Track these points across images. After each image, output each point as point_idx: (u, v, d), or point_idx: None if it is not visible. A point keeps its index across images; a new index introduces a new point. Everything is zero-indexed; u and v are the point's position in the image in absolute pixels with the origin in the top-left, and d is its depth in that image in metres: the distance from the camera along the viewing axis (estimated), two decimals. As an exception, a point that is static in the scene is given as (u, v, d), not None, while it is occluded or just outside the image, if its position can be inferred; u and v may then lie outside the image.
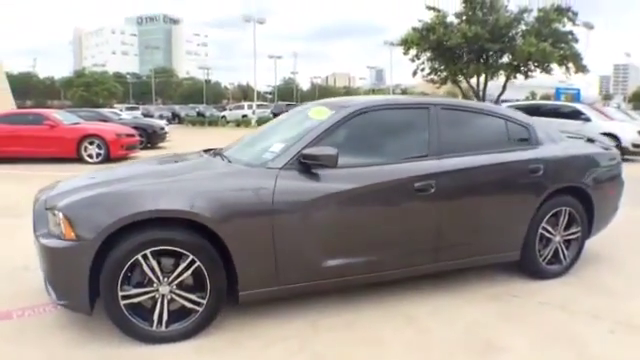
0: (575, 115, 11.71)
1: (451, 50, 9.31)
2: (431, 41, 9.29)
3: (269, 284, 2.69)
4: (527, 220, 3.28)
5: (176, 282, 2.53)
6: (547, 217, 3.37)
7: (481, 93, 10.91)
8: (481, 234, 3.18)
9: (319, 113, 3.07)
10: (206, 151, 3.58)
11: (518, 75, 14.98)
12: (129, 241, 2.41)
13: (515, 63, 12.80)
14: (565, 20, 14.90)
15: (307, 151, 2.68)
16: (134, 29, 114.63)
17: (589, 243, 3.74)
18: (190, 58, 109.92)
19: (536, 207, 3.28)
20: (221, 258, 2.56)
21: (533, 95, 56.86)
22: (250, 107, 33.07)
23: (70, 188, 2.76)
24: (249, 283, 2.64)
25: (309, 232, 2.68)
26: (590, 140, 4.09)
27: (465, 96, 12.74)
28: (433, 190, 2.89)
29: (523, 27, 13.20)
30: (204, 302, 2.58)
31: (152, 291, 2.51)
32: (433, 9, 9.58)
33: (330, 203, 2.71)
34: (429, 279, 3.28)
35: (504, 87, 15.82)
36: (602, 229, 3.92)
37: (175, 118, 35.14)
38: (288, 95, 71.46)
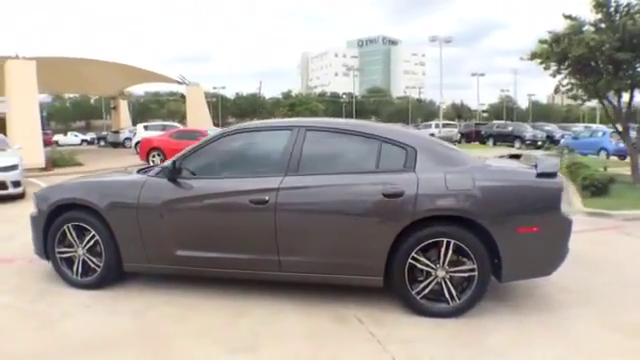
0: None
1: (578, 62, 7.95)
2: (556, 53, 8.15)
3: (146, 260, 3.71)
4: (385, 246, 3.27)
5: (86, 248, 3.81)
6: (419, 247, 3.26)
7: (624, 110, 8.71)
8: (329, 253, 3.38)
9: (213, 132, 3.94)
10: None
11: None
12: (61, 217, 3.83)
13: None
14: None
15: (166, 164, 3.61)
16: (355, 51, 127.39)
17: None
18: (407, 77, 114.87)
19: (396, 233, 3.25)
20: (111, 238, 3.72)
21: None
22: (437, 126, 33.06)
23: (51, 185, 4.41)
24: (128, 258, 3.72)
25: (163, 225, 3.58)
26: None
27: (608, 115, 10.35)
28: (267, 204, 3.36)
29: None
30: (102, 265, 3.78)
31: (73, 252, 3.86)
32: (569, 17, 8.34)
33: (180, 204, 3.56)
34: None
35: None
36: (532, 275, 3.48)
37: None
38: (507, 114, 66.89)
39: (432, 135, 31.26)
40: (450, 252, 3.26)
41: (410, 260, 3.28)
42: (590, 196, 7.73)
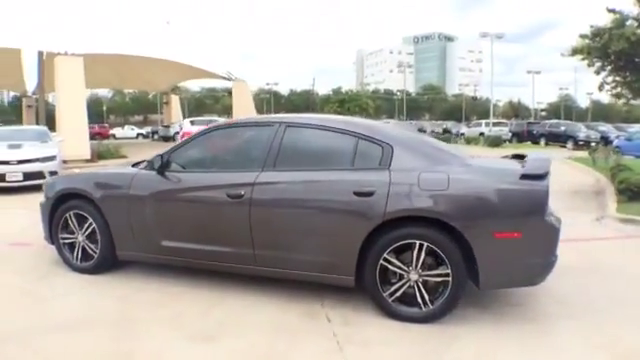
0: None
1: (620, 58, 7.37)
2: (597, 49, 7.60)
3: (135, 249, 3.93)
4: (355, 245, 3.26)
5: (85, 235, 4.09)
6: (391, 248, 3.21)
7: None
8: (300, 249, 3.42)
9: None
10: None
11: None
12: (65, 205, 4.14)
13: None
14: None
15: (155, 157, 3.80)
16: (410, 48, 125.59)
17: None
18: (463, 74, 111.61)
19: (366, 233, 3.22)
20: (106, 227, 3.98)
21: None
22: (487, 125, 31.94)
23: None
24: (120, 246, 3.97)
25: (150, 216, 3.78)
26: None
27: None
28: (243, 198, 3.45)
29: None
30: (98, 252, 4.05)
31: (74, 238, 4.16)
32: (612, 11, 7.77)
33: (165, 196, 3.74)
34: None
35: None
36: (515, 283, 3.36)
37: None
38: (565, 113, 63.30)
39: (482, 134, 30.43)
40: (423, 255, 3.18)
41: (382, 261, 3.24)
42: (627, 201, 7.24)
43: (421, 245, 3.17)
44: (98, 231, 4.01)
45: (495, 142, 24.75)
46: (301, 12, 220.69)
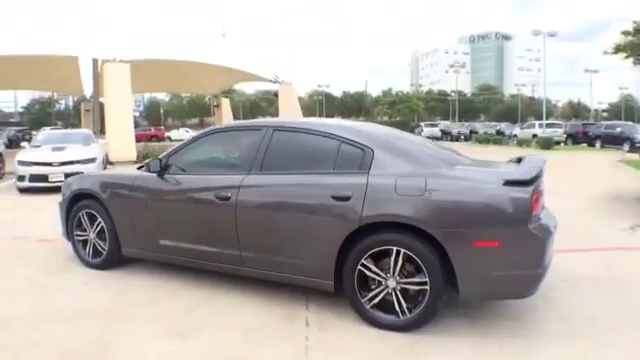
0: None
1: None
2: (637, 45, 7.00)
3: (137, 247, 4.15)
4: (333, 250, 3.25)
5: (96, 232, 4.36)
6: (369, 254, 3.17)
7: None
8: (282, 252, 3.46)
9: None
10: None
11: None
12: (79, 204, 4.44)
13: None
14: None
15: (155, 160, 4.00)
16: (466, 48, 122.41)
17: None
18: (520, 74, 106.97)
19: (343, 238, 3.20)
20: (113, 225, 4.23)
21: None
22: (541, 126, 30.39)
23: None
24: (124, 244, 4.21)
25: (149, 216, 3.99)
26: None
27: None
28: (229, 200, 3.55)
29: None
30: (106, 249, 4.30)
31: (85, 235, 4.45)
32: None
33: (162, 197, 3.93)
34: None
35: None
36: (499, 295, 3.21)
37: (471, 135, 36.80)
38: (627, 113, 58.96)
39: (534, 136, 28.97)
40: (400, 262, 3.12)
41: (360, 267, 3.21)
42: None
43: (398, 252, 3.10)
44: (106, 229, 4.27)
45: (547, 144, 23.53)
46: (356, 13, 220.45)
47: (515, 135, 32.33)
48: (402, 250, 3.10)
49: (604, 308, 3.56)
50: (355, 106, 63.63)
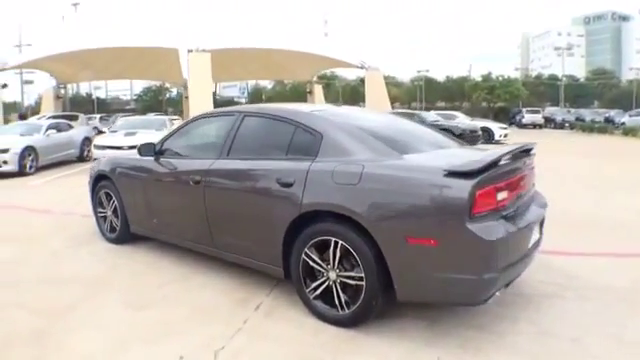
0: None
1: None
2: None
3: (140, 225, 4.57)
4: (278, 237, 3.25)
5: (112, 209, 4.87)
6: (311, 243, 3.12)
7: None
8: (241, 237, 3.58)
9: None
10: None
11: None
12: (99, 184, 5.00)
13: None
14: None
15: (141, 145, 4.39)
16: (580, 29, 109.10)
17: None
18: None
19: (286, 225, 3.19)
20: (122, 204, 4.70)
21: None
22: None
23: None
24: (132, 221, 4.66)
25: (146, 196, 4.39)
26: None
27: None
28: (200, 184, 3.75)
29: None
30: (119, 225, 4.80)
31: (105, 212, 4.99)
32: None
33: (155, 179, 4.27)
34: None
35: None
36: (440, 298, 2.95)
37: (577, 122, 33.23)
38: None
39: None
40: (339, 254, 3.02)
41: (304, 256, 3.18)
42: None
43: (336, 243, 3.02)
44: (118, 207, 4.75)
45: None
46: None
47: (623, 123, 28.33)
48: (339, 242, 3.01)
49: (599, 328, 3.02)
50: (457, 91, 60.52)
